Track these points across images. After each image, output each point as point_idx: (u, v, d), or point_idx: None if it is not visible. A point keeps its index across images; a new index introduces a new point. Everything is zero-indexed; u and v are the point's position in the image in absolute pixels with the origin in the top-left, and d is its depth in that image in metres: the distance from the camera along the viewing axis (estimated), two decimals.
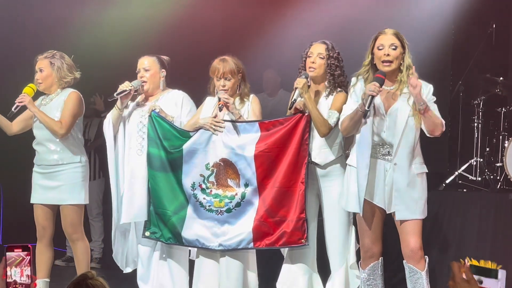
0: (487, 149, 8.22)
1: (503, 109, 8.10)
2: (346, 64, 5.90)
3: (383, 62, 5.28)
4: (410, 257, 5.34)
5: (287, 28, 9.01)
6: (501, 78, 8.22)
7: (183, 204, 5.92)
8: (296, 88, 5.65)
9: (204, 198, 5.85)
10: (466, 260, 3.23)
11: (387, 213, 5.39)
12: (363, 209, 5.35)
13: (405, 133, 5.26)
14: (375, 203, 5.36)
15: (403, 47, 5.30)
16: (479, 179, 8.06)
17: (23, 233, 7.94)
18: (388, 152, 5.33)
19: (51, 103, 6.34)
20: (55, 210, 6.35)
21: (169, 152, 5.89)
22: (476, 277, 3.32)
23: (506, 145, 7.67)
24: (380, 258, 5.51)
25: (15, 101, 6.20)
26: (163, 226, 5.94)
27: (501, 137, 8.04)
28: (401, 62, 5.30)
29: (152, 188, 5.95)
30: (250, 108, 5.91)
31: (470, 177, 8.12)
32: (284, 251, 5.94)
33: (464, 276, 3.20)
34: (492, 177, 7.96)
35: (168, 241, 5.95)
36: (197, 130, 5.88)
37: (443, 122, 5.29)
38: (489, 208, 7.22)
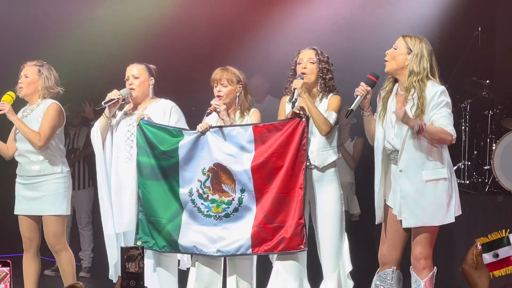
0: (475, 152, 8.25)
1: (490, 112, 8.13)
2: (334, 67, 5.91)
3: (385, 62, 5.29)
4: (414, 266, 5.30)
5: (275, 34, 9.02)
6: (487, 81, 8.25)
7: (177, 211, 5.88)
8: (294, 89, 5.64)
9: (202, 204, 5.83)
10: (478, 244, 3.21)
11: (398, 219, 5.27)
12: (385, 215, 5.36)
13: (408, 139, 5.16)
14: (393, 211, 5.31)
15: (409, 49, 5.20)
16: (467, 182, 8.08)
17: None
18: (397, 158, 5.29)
19: (31, 114, 6.29)
20: (40, 221, 6.30)
21: (162, 158, 5.86)
22: (491, 253, 3.29)
23: (493, 148, 7.70)
24: (393, 267, 5.38)
25: None
26: (157, 235, 5.89)
27: (488, 140, 8.07)
28: (406, 65, 5.22)
29: (144, 196, 5.91)
30: (249, 122, 5.90)
31: (458, 180, 8.10)
32: (273, 257, 5.93)
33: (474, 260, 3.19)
34: (480, 180, 7.98)
35: (162, 249, 5.91)
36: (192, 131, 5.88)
37: (448, 131, 5.09)
38: (478, 211, 7.24)
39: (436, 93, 5.13)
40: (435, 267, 5.30)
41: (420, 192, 5.19)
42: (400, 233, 5.34)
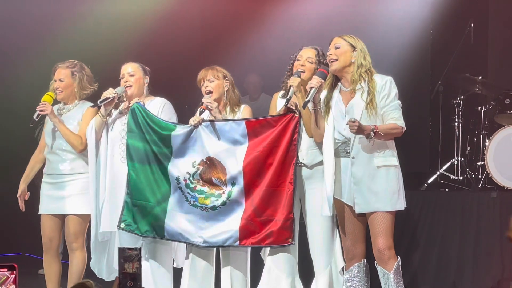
0: (468, 148, 8.26)
1: (483, 108, 8.13)
2: None
3: (330, 62, 5.43)
4: (379, 258, 5.34)
5: (269, 32, 9.01)
6: (480, 77, 8.25)
7: (165, 196, 5.89)
8: (290, 86, 5.66)
9: (188, 193, 5.84)
10: None
11: (354, 209, 5.37)
12: (340, 209, 5.45)
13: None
14: (344, 202, 5.41)
15: (352, 46, 5.42)
16: (461, 178, 8.09)
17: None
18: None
19: (68, 113, 6.30)
20: (63, 221, 6.29)
21: (153, 144, 5.87)
22: None
23: (487, 144, 7.70)
24: (363, 259, 5.50)
25: (36, 109, 6.13)
26: (140, 219, 5.89)
27: (481, 136, 8.08)
28: (352, 61, 5.40)
29: (132, 179, 5.91)
30: (241, 117, 5.90)
31: (452, 176, 8.15)
32: (264, 255, 5.93)
33: None
34: (473, 176, 7.99)
35: (144, 233, 5.91)
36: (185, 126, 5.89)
37: (399, 125, 5.31)
38: (471, 207, 7.24)
39: (386, 82, 5.38)
40: (398, 256, 5.35)
41: (372, 178, 5.33)
42: (358, 225, 5.45)
